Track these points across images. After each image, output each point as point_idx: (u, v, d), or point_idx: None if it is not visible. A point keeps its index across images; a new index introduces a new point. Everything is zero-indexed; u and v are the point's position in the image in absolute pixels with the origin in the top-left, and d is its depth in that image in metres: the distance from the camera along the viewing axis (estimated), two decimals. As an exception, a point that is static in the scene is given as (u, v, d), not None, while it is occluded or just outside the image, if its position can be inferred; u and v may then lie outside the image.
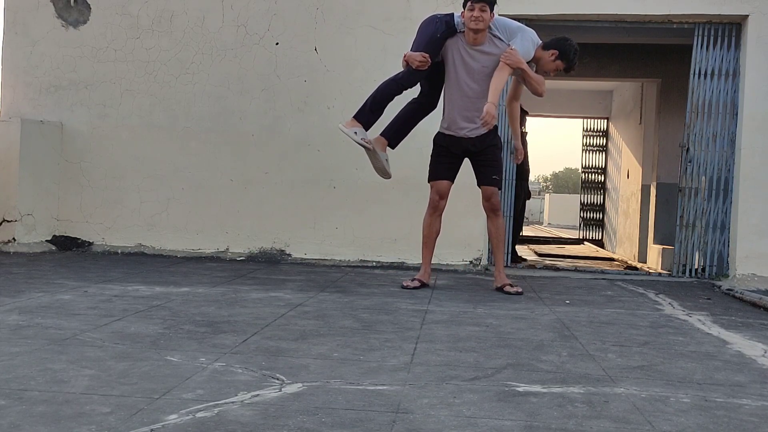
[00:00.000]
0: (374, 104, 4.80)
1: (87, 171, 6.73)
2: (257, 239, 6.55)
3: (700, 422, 2.21)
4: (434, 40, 4.78)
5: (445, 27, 4.80)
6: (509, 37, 4.80)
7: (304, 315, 3.77)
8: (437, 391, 2.42)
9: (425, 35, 4.80)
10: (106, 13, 6.70)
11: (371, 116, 4.82)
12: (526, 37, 4.80)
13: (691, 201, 6.38)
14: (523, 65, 4.73)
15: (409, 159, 6.07)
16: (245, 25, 6.58)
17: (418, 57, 4.67)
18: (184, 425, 1.99)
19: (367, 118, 4.81)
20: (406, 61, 4.72)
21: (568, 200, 26.80)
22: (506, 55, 4.69)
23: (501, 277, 5.01)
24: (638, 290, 5.37)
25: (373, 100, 4.80)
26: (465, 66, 4.81)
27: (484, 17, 4.67)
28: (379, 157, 4.87)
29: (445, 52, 4.85)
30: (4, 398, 2.17)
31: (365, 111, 4.80)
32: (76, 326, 3.25)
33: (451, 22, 4.82)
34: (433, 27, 4.81)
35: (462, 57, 4.80)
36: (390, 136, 4.98)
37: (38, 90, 6.77)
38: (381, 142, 4.93)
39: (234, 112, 6.60)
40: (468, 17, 4.69)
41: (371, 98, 4.82)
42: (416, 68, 4.68)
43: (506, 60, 4.68)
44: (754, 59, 6.14)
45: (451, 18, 4.83)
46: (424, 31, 4.83)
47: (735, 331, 3.82)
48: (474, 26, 4.69)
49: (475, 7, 4.65)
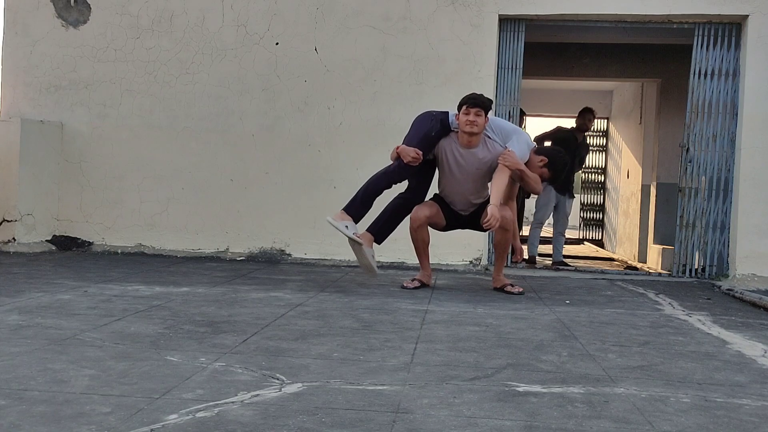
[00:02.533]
0: (364, 197, 4.78)
1: (87, 171, 6.73)
2: (257, 239, 6.55)
3: (700, 422, 2.21)
4: (428, 137, 4.77)
5: (440, 126, 4.80)
6: (504, 139, 4.81)
7: (304, 315, 3.77)
8: (437, 391, 2.42)
9: (419, 132, 4.79)
10: (106, 13, 6.71)
11: (361, 209, 4.80)
12: (521, 140, 4.82)
13: (691, 201, 6.38)
14: (521, 167, 4.74)
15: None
16: (245, 25, 6.58)
17: (411, 153, 4.64)
18: (184, 425, 1.99)
19: (357, 211, 4.79)
20: (397, 153, 4.69)
21: (568, 200, 26.68)
22: (504, 158, 4.68)
23: (501, 278, 5.01)
24: (638, 290, 5.37)
25: (363, 194, 4.79)
26: (458, 166, 4.83)
27: (479, 122, 4.68)
28: (366, 253, 4.76)
29: (439, 150, 4.85)
30: (4, 398, 2.17)
31: (355, 204, 4.78)
32: (76, 326, 3.25)
33: (446, 121, 4.82)
34: (428, 125, 4.80)
35: (455, 158, 4.82)
36: (376, 232, 4.91)
37: (38, 90, 6.77)
38: (367, 238, 4.85)
39: (234, 112, 6.60)
40: (463, 121, 4.69)
41: (361, 192, 4.80)
42: (407, 163, 4.66)
43: (505, 162, 4.68)
44: (754, 59, 6.14)
45: (446, 117, 4.83)
46: (418, 127, 4.82)
47: (735, 331, 3.83)
48: (469, 130, 4.69)
49: (471, 111, 4.67)
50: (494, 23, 6.32)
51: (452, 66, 6.36)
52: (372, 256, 4.82)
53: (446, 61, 6.37)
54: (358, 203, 4.79)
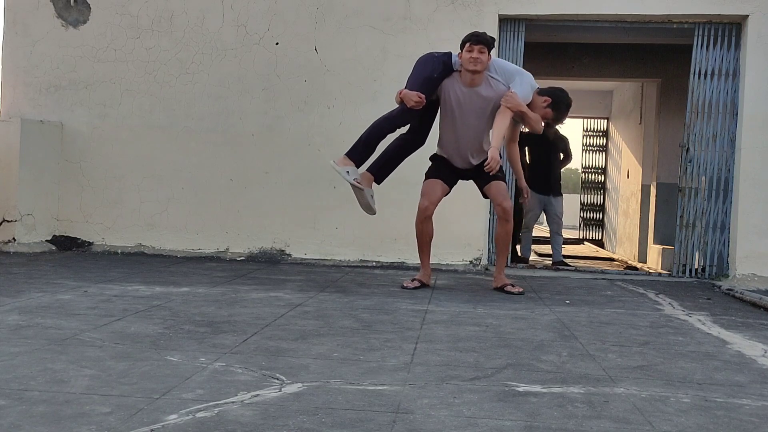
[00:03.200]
0: (367, 142, 4.78)
1: (87, 171, 6.73)
2: (257, 239, 6.55)
3: (700, 422, 2.21)
4: (431, 79, 4.74)
5: (442, 67, 4.77)
6: (507, 80, 4.79)
7: (304, 315, 3.77)
8: (437, 391, 2.42)
9: (422, 74, 4.75)
10: (106, 13, 6.71)
11: (364, 154, 4.80)
12: (524, 81, 4.78)
13: (691, 201, 6.38)
14: (523, 108, 4.72)
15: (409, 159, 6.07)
16: (245, 25, 6.58)
17: (414, 97, 4.60)
18: (184, 425, 1.99)
19: (360, 155, 4.79)
20: (401, 98, 4.66)
21: (568, 200, 26.75)
22: (507, 99, 4.67)
23: (501, 278, 5.01)
24: (638, 290, 5.37)
25: (366, 138, 4.78)
26: (461, 107, 4.79)
27: (483, 59, 4.67)
28: (365, 194, 4.80)
29: (441, 91, 4.82)
30: (4, 398, 2.17)
31: (358, 149, 4.78)
32: (76, 326, 3.25)
33: (449, 62, 4.79)
34: (430, 66, 4.77)
35: (458, 98, 4.79)
36: (376, 172, 4.93)
37: (38, 90, 6.77)
38: (367, 177, 4.87)
39: (234, 112, 6.60)
40: (466, 58, 4.67)
41: (364, 136, 4.79)
42: (411, 107, 4.64)
43: (507, 104, 4.66)
44: (754, 59, 6.14)
45: (449, 57, 4.81)
46: (420, 69, 4.79)
47: (735, 331, 3.82)
48: (472, 68, 4.67)
49: (474, 48, 4.65)
50: (494, 23, 6.32)
51: (452, 66, 6.36)
52: (371, 196, 4.87)
53: (446, 61, 6.37)
54: (361, 148, 4.78)
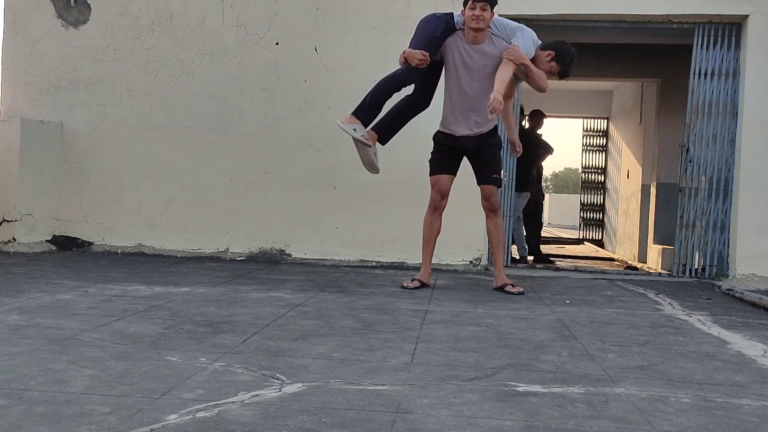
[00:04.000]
0: (373, 101, 4.80)
1: (87, 171, 6.73)
2: (257, 239, 6.55)
3: (700, 422, 2.21)
4: (434, 38, 4.77)
5: (445, 26, 4.79)
6: (509, 36, 4.81)
7: (304, 315, 3.77)
8: (437, 391, 2.42)
9: (425, 33, 4.78)
10: (106, 13, 6.70)
11: (370, 113, 4.82)
12: (526, 36, 4.81)
13: (691, 201, 6.37)
14: (525, 61, 4.73)
15: (409, 159, 6.09)
16: (245, 25, 6.58)
17: (417, 55, 4.64)
18: (184, 425, 1.99)
19: (366, 114, 4.81)
20: (404, 58, 4.70)
21: (568, 200, 26.78)
22: (509, 51, 4.69)
23: (501, 277, 5.00)
24: (638, 290, 5.37)
25: (372, 97, 4.80)
26: (465, 65, 4.80)
27: (485, 16, 4.67)
28: (369, 151, 4.85)
29: (445, 50, 4.84)
30: (4, 398, 2.17)
31: (364, 107, 4.80)
32: (76, 326, 3.25)
33: (451, 21, 4.82)
34: (432, 25, 4.79)
35: (462, 56, 4.80)
36: (381, 131, 4.95)
37: (38, 90, 6.77)
38: (371, 135, 4.90)
39: (234, 112, 6.60)
40: (469, 16, 4.68)
41: (370, 95, 4.82)
42: (415, 66, 4.67)
43: (509, 56, 4.68)
44: (754, 59, 6.14)
45: (451, 17, 4.83)
46: (423, 29, 4.82)
47: (735, 331, 3.82)
48: (475, 25, 4.69)
49: (476, 5, 4.65)
50: (494, 23, 6.31)
51: (452, 66, 6.36)
52: (375, 153, 4.90)
53: (446, 61, 6.37)
54: (367, 106, 4.80)
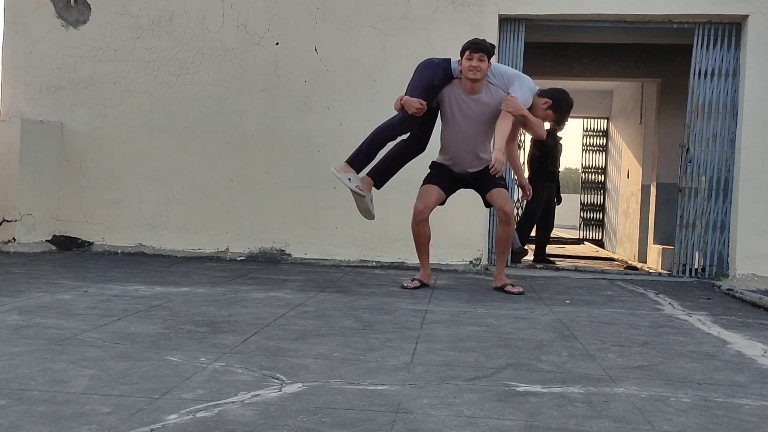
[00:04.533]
0: (369, 150, 4.78)
1: (87, 171, 6.73)
2: (257, 239, 6.55)
3: (700, 422, 2.21)
4: (431, 86, 4.74)
5: (443, 73, 4.77)
6: (507, 84, 4.80)
7: (304, 315, 3.77)
8: (437, 391, 2.42)
9: (422, 80, 4.75)
10: (106, 13, 6.70)
11: (365, 161, 4.80)
12: (524, 85, 4.79)
13: (691, 201, 6.38)
14: (524, 112, 4.73)
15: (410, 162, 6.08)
16: (245, 25, 6.58)
17: (415, 103, 4.60)
18: (184, 425, 1.99)
19: (361, 163, 4.79)
20: (401, 105, 4.66)
21: (569, 200, 26.75)
22: (507, 103, 4.68)
23: (501, 277, 5.01)
24: (638, 290, 5.37)
25: (367, 146, 4.77)
26: (462, 114, 4.80)
27: (482, 67, 4.68)
28: (365, 199, 4.80)
29: (442, 98, 4.83)
30: (4, 398, 2.17)
31: (359, 156, 4.77)
32: (76, 326, 3.25)
33: (449, 69, 4.80)
34: (431, 73, 4.77)
35: (459, 105, 4.80)
36: (377, 177, 4.92)
37: (38, 90, 6.77)
38: (367, 182, 4.86)
39: (234, 112, 6.60)
40: (466, 66, 4.67)
41: (366, 144, 4.78)
42: (412, 114, 4.63)
43: (508, 108, 4.67)
44: (754, 59, 6.14)
45: (449, 64, 4.81)
46: (421, 75, 4.78)
47: (735, 331, 3.82)
48: (472, 76, 4.68)
49: (474, 56, 4.66)
50: (494, 23, 6.32)
51: (452, 66, 6.36)
52: (371, 200, 4.87)
53: (446, 61, 6.37)
54: (362, 156, 4.78)
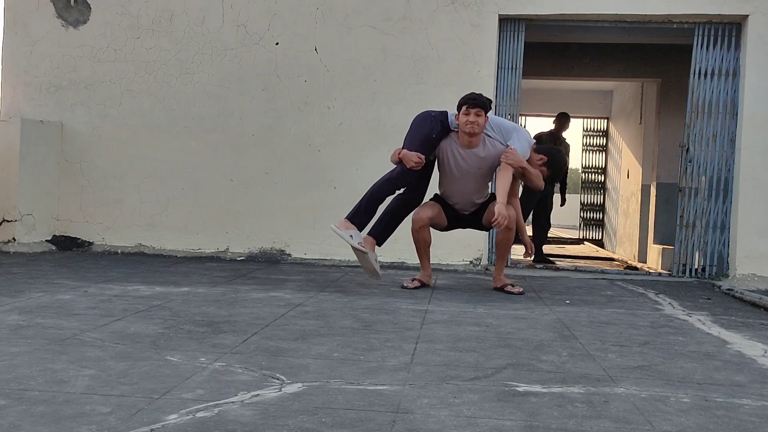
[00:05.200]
0: (368, 205, 4.77)
1: (87, 171, 6.73)
2: (257, 239, 6.55)
3: (700, 422, 2.21)
4: (429, 140, 4.76)
5: (440, 126, 4.79)
6: (504, 137, 4.81)
7: (304, 315, 3.77)
8: (437, 391, 2.42)
9: (420, 134, 4.76)
10: (106, 13, 6.71)
11: (365, 217, 4.79)
12: (522, 137, 4.82)
13: (691, 201, 6.37)
14: (524, 164, 4.75)
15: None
16: (245, 25, 6.58)
17: (413, 157, 4.62)
18: (184, 425, 1.99)
19: (362, 219, 4.77)
20: (399, 158, 4.68)
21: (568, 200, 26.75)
22: (507, 156, 4.70)
23: (501, 278, 5.01)
24: (638, 290, 5.37)
25: (367, 202, 4.77)
26: (459, 167, 4.82)
27: (480, 122, 4.68)
28: (369, 258, 4.75)
29: (439, 152, 4.85)
30: (4, 398, 2.17)
31: (360, 213, 4.77)
32: (76, 326, 3.25)
33: (446, 122, 4.82)
34: (428, 126, 4.78)
35: (456, 159, 4.81)
36: (378, 235, 4.90)
37: (38, 90, 6.77)
38: (370, 242, 4.83)
39: (234, 112, 6.60)
40: (463, 121, 4.68)
41: (365, 200, 4.78)
42: (410, 168, 4.65)
43: (507, 161, 4.69)
44: (754, 59, 6.14)
45: (446, 117, 4.82)
46: (418, 129, 4.79)
47: (735, 331, 3.82)
48: (469, 130, 4.69)
49: (471, 111, 4.66)
50: (494, 23, 6.32)
51: (452, 66, 6.36)
52: (375, 260, 4.83)
53: (446, 61, 6.37)
54: (363, 212, 4.77)
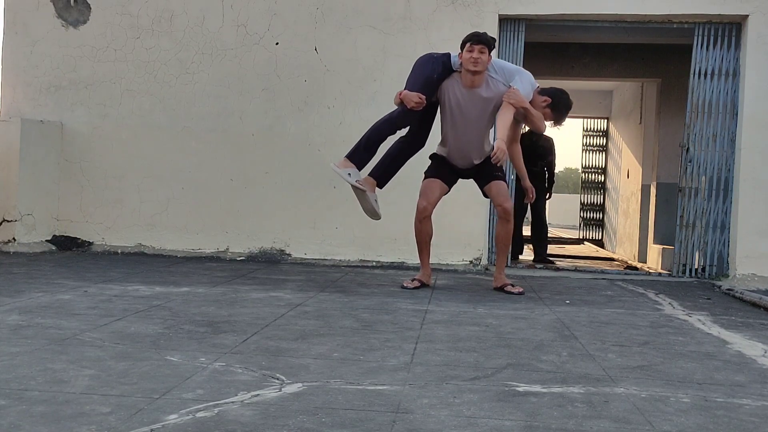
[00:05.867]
0: (368, 144, 4.75)
1: (87, 171, 6.73)
2: (257, 239, 6.55)
3: (700, 422, 2.21)
4: (431, 80, 4.72)
5: (442, 67, 4.75)
6: (507, 79, 4.78)
7: (304, 315, 3.77)
8: (437, 391, 2.42)
9: (421, 75, 4.72)
10: (106, 13, 6.70)
11: (365, 156, 4.78)
12: (525, 79, 4.78)
13: (691, 201, 6.38)
14: (526, 104, 4.72)
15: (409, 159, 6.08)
16: (245, 25, 6.58)
17: (414, 98, 4.57)
18: (184, 425, 1.99)
19: (361, 157, 4.76)
20: (400, 99, 4.64)
21: (568, 200, 26.79)
22: (509, 95, 4.67)
23: (501, 278, 5.01)
24: (638, 290, 5.37)
25: (366, 141, 4.76)
26: (461, 108, 4.78)
27: (483, 59, 4.66)
28: (369, 198, 4.77)
29: (441, 93, 4.81)
30: (4, 398, 2.17)
31: (359, 151, 4.75)
32: (76, 326, 3.25)
33: (448, 63, 4.77)
34: (430, 67, 4.75)
35: (458, 99, 4.77)
36: (379, 176, 4.91)
37: (38, 90, 6.77)
38: (370, 182, 4.85)
39: (234, 112, 6.60)
40: (467, 59, 4.65)
41: (365, 138, 4.77)
42: (411, 108, 4.61)
43: (510, 100, 4.66)
44: (754, 59, 6.14)
45: (448, 58, 4.79)
46: (420, 70, 4.76)
47: (735, 331, 3.82)
48: (473, 68, 4.65)
49: (475, 48, 4.63)
50: (494, 23, 6.32)
51: (452, 66, 6.36)
52: (375, 200, 4.84)
53: (446, 61, 6.37)
54: (362, 150, 4.76)
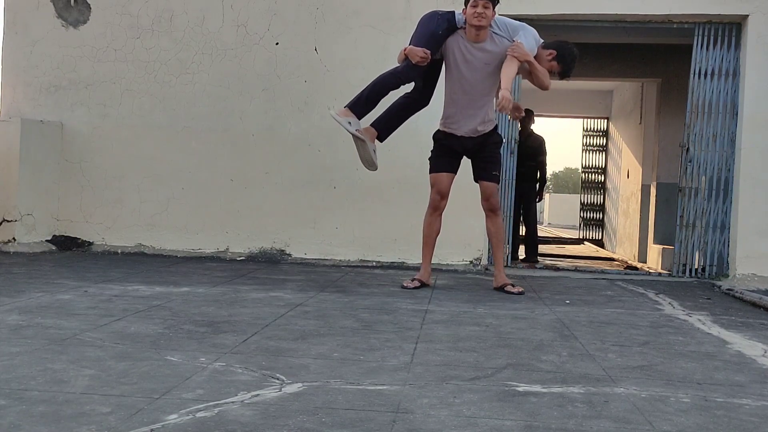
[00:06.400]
0: (370, 96, 4.74)
1: (87, 171, 6.73)
2: (257, 239, 6.55)
3: (700, 422, 2.21)
4: (435, 36, 4.73)
5: (447, 24, 4.76)
6: (511, 35, 4.78)
7: (304, 315, 3.77)
8: (437, 391, 2.42)
9: (426, 31, 4.74)
10: (106, 13, 6.70)
11: (366, 108, 4.76)
12: (528, 34, 4.78)
13: (691, 201, 6.37)
14: (530, 58, 4.71)
15: (409, 159, 6.09)
16: (245, 25, 6.58)
17: (419, 52, 4.59)
18: (184, 425, 1.99)
19: (362, 109, 4.75)
20: (405, 54, 4.65)
21: (568, 200, 26.82)
22: (513, 48, 4.67)
23: (501, 277, 5.00)
24: (638, 290, 5.37)
25: (369, 92, 4.74)
26: (466, 64, 4.78)
27: (487, 14, 4.65)
28: (368, 147, 4.78)
29: (446, 50, 4.82)
30: (4, 398, 2.17)
31: (360, 102, 4.74)
32: (76, 326, 3.25)
33: (453, 20, 4.78)
34: (434, 23, 4.76)
35: (463, 55, 4.78)
36: (380, 128, 4.90)
37: (38, 90, 6.77)
38: (371, 132, 4.85)
39: (234, 112, 6.60)
40: (470, 13, 4.66)
41: (368, 90, 4.76)
42: (416, 63, 4.62)
43: (513, 53, 4.66)
44: (754, 59, 6.14)
45: (452, 15, 4.80)
46: (425, 26, 4.78)
47: (735, 331, 3.82)
48: (477, 23, 4.66)
49: (478, 3, 4.63)
50: (494, 23, 6.31)
51: (452, 66, 6.36)
52: (374, 150, 4.84)
53: (446, 61, 6.37)
54: (363, 101, 4.74)
